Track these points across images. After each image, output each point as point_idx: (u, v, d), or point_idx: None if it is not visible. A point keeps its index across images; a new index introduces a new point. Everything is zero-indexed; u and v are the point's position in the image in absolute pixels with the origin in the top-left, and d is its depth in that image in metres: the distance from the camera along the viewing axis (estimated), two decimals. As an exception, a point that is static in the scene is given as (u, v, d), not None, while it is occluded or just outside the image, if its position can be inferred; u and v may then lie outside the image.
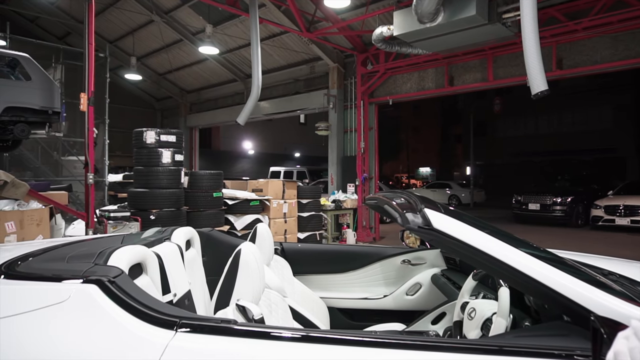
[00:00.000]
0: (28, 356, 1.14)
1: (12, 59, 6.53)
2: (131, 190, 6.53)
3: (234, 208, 7.30)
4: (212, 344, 1.19)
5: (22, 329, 1.19)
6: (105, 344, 1.18)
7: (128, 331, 1.21)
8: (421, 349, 1.16)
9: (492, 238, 1.34)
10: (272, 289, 1.97)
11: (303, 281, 2.72)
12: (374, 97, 10.64)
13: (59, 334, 1.19)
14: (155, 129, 6.45)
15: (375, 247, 3.07)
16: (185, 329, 1.22)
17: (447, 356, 1.13)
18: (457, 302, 1.89)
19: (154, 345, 1.17)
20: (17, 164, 9.58)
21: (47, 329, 1.19)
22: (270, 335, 1.23)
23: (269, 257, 2.33)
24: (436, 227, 1.37)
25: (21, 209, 5.00)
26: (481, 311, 1.65)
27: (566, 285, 1.21)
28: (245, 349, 1.18)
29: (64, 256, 1.66)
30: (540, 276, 1.23)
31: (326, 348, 1.18)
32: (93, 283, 1.31)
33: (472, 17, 6.22)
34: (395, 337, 1.21)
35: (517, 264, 1.25)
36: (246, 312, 1.42)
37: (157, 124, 18.39)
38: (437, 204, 1.65)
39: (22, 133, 6.30)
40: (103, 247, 1.70)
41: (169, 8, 12.00)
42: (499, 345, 1.16)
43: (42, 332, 1.19)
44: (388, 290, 2.85)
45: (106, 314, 1.24)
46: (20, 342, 1.16)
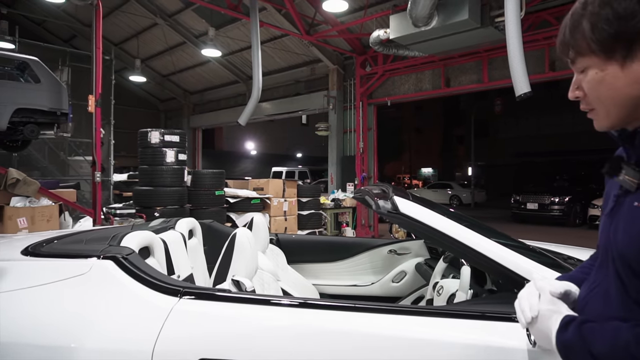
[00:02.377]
0: (59, 314, 1.38)
1: (22, 62, 6.80)
2: (136, 188, 6.77)
3: (236, 206, 7.53)
4: (210, 308, 1.42)
5: (53, 293, 1.42)
6: (120, 306, 1.41)
7: (139, 297, 1.44)
8: (391, 313, 1.39)
9: (449, 220, 1.56)
10: (266, 271, 2.19)
11: (296, 269, 2.94)
12: (373, 98, 10.87)
13: (82, 298, 1.42)
14: (159, 129, 6.69)
15: (364, 238, 3.29)
16: (188, 296, 1.44)
17: (409, 318, 1.36)
18: (430, 282, 2.12)
19: (161, 309, 1.40)
20: (25, 163, 9.84)
21: (72, 294, 1.43)
22: (259, 300, 1.46)
23: (264, 245, 2.55)
24: (402, 212, 1.60)
25: (32, 206, 5.25)
26: (447, 288, 1.88)
27: (510, 260, 1.44)
28: (238, 312, 1.41)
29: (82, 239, 1.90)
30: (489, 252, 1.45)
31: (309, 312, 1.41)
32: (109, 259, 1.54)
33: (465, 21, 6.45)
34: (369, 304, 1.43)
35: (469, 242, 1.48)
36: (240, 286, 1.65)
37: (161, 124, 18.69)
38: (408, 193, 1.88)
39: (32, 133, 6.56)
40: (114, 233, 1.94)
41: (172, 11, 12.28)
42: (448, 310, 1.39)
43: (68, 296, 1.42)
44: (375, 278, 3.07)
45: (120, 284, 1.47)
46: (52, 303, 1.40)
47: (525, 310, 0.91)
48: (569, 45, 0.85)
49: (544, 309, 0.88)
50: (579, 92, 0.87)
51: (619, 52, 0.78)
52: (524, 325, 0.93)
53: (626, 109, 0.81)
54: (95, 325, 1.35)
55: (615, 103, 0.81)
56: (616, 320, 0.78)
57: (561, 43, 0.88)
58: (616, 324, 0.77)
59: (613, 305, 0.82)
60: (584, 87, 0.85)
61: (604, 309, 0.83)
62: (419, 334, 1.30)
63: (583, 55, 0.83)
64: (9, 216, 5.06)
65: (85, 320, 1.36)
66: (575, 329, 0.81)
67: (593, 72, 0.82)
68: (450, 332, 1.29)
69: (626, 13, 0.76)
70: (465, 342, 1.27)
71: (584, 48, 0.82)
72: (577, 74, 0.87)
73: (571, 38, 0.84)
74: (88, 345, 1.31)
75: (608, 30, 0.78)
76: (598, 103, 0.84)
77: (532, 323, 0.89)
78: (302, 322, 1.37)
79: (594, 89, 0.83)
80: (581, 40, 0.82)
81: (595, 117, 0.86)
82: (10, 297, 1.42)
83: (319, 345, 1.32)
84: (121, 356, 1.32)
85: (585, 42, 0.82)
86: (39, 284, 1.46)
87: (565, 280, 1.01)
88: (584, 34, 0.81)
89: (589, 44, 0.81)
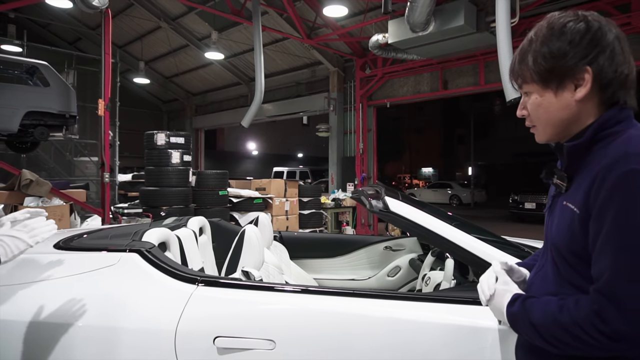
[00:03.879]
0: (94, 298, 1.60)
1: (32, 66, 7.02)
2: (143, 188, 6.99)
3: (239, 206, 7.74)
4: (224, 294, 1.64)
5: (88, 281, 1.64)
6: (146, 292, 1.63)
7: (162, 284, 1.66)
8: (377, 297, 1.61)
9: (433, 217, 1.78)
10: (271, 265, 2.41)
11: (299, 264, 3.16)
12: (373, 100, 11.08)
13: (114, 285, 1.64)
14: (165, 131, 6.91)
15: (362, 235, 3.51)
16: (204, 284, 1.66)
17: (392, 302, 1.58)
18: (420, 274, 2.33)
19: (182, 294, 1.62)
20: (33, 164, 10.06)
21: (105, 282, 1.65)
22: (266, 287, 1.68)
23: (268, 241, 2.77)
24: (392, 210, 1.81)
25: (45, 205, 5.46)
26: (434, 279, 2.10)
27: (482, 250, 1.65)
28: (247, 297, 1.63)
29: (107, 235, 2.12)
30: (464, 244, 1.66)
31: (308, 296, 1.63)
32: (134, 252, 1.76)
33: (461, 26, 6.66)
34: (358, 290, 1.65)
35: (448, 235, 1.69)
36: (249, 275, 1.87)
37: (164, 125, 18.93)
38: (399, 193, 2.09)
39: (42, 136, 6.78)
40: (135, 230, 2.15)
41: (176, 15, 12.50)
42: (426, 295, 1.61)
43: (101, 284, 1.64)
44: (372, 273, 3.28)
45: (145, 273, 1.69)
46: (88, 289, 1.62)
47: (484, 289, 1.12)
48: (517, 74, 1.06)
49: (499, 289, 1.09)
50: (525, 111, 1.07)
51: (553, 83, 0.99)
52: (484, 302, 1.13)
53: (558, 128, 1.02)
54: (126, 308, 1.57)
55: (550, 123, 1.02)
56: (551, 295, 0.99)
57: (511, 71, 1.09)
58: (548, 298, 0.97)
59: (550, 284, 1.03)
60: (528, 108, 1.06)
61: (544, 287, 1.05)
62: (400, 315, 1.52)
63: (527, 83, 1.04)
64: (23, 215, 5.28)
65: (118, 304, 1.58)
66: (520, 303, 1.02)
67: (534, 97, 1.03)
68: (428, 314, 1.51)
69: (559, 53, 0.97)
70: (441, 322, 1.49)
71: (528, 77, 1.03)
72: (524, 97, 1.08)
73: (519, 68, 1.05)
74: (122, 325, 1.53)
75: (545, 65, 0.99)
76: (537, 122, 1.05)
77: (490, 300, 1.10)
78: (303, 305, 1.59)
79: (534, 110, 1.04)
80: (525, 71, 1.03)
81: (535, 132, 1.07)
82: (51, 284, 1.65)
83: (317, 323, 1.54)
84: (150, 334, 1.54)
85: (528, 73, 1.02)
86: (75, 273, 1.68)
87: (521, 266, 1.23)
88: (527, 66, 1.02)
89: (531, 74, 1.02)
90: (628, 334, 0.83)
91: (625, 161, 0.86)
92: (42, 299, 1.59)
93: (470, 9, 6.67)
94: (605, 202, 0.86)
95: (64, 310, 1.56)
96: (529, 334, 0.99)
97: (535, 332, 0.96)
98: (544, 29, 1.00)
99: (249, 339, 1.52)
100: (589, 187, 0.90)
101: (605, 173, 0.87)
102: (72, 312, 1.55)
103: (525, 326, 0.99)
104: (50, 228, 1.42)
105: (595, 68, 0.94)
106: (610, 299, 0.84)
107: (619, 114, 0.96)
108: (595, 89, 0.95)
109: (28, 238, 1.33)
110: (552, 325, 0.92)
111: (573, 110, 0.98)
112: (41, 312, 1.56)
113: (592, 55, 0.94)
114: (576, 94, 0.97)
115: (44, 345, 1.53)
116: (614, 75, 0.94)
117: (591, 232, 0.89)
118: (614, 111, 0.96)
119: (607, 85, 0.95)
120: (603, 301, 0.85)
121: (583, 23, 0.96)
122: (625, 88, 0.96)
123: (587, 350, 0.89)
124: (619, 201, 0.84)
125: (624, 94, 0.96)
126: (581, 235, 0.92)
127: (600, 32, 0.95)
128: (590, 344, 0.87)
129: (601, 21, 0.97)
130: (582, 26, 0.95)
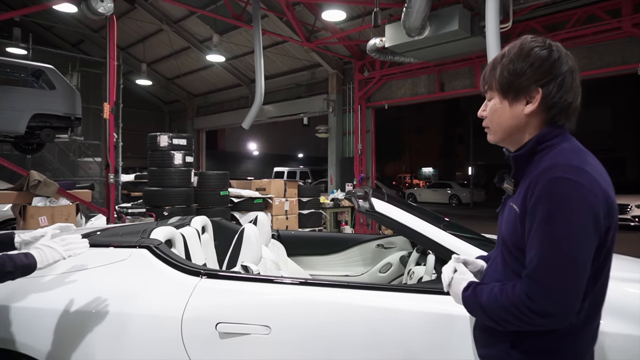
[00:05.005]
0: (109, 288, 1.79)
1: (38, 70, 7.22)
2: (146, 189, 7.17)
3: (239, 205, 7.92)
4: (225, 285, 1.83)
5: (103, 274, 1.84)
6: (156, 284, 1.82)
7: (169, 276, 1.85)
8: (368, 289, 1.80)
9: (414, 217, 1.96)
10: (269, 261, 2.60)
11: (295, 261, 3.35)
12: (371, 102, 11.27)
13: (127, 277, 1.84)
14: (168, 133, 7.10)
15: (355, 234, 3.69)
16: (207, 276, 1.85)
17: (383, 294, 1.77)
18: (406, 270, 2.52)
19: (187, 285, 1.81)
20: (38, 165, 10.27)
21: (118, 274, 1.84)
22: (263, 280, 1.87)
23: (267, 239, 2.96)
24: (377, 210, 2.00)
25: (52, 205, 5.65)
26: (417, 273, 2.29)
27: (453, 244, 1.84)
28: (246, 288, 1.82)
29: (118, 233, 2.31)
30: (439, 239, 1.86)
31: (302, 287, 1.82)
32: (144, 248, 1.95)
33: (456, 31, 6.84)
34: (346, 282, 1.84)
35: (425, 232, 1.89)
36: (248, 269, 2.06)
37: (166, 126, 19.13)
38: (385, 194, 2.28)
39: (48, 137, 6.97)
40: (143, 228, 2.35)
41: (178, 18, 12.70)
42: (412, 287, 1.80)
43: (115, 276, 1.83)
44: (365, 269, 3.47)
45: (154, 266, 1.88)
46: (103, 281, 1.82)
47: (445, 278, 1.31)
48: (486, 80, 1.24)
49: (457, 277, 1.27)
50: (485, 113, 1.26)
51: (510, 94, 1.17)
52: (445, 288, 1.31)
53: (506, 133, 1.21)
54: (139, 297, 1.76)
55: (500, 127, 1.21)
56: (498, 282, 1.18)
57: (483, 77, 1.27)
58: (494, 284, 1.16)
59: (499, 273, 1.22)
60: (487, 110, 1.25)
61: (494, 276, 1.23)
62: (384, 304, 1.71)
63: (491, 90, 1.22)
64: (31, 215, 5.47)
65: (130, 293, 1.78)
66: (472, 289, 1.20)
67: (493, 102, 1.22)
68: (410, 303, 1.70)
69: (520, 72, 1.15)
70: (420, 310, 1.68)
71: (493, 85, 1.21)
72: (487, 100, 1.26)
73: (489, 76, 1.23)
74: (135, 312, 1.72)
75: (507, 78, 1.17)
76: (491, 124, 1.24)
77: (450, 286, 1.29)
78: (296, 295, 1.78)
79: (491, 113, 1.23)
80: (492, 79, 1.21)
81: (488, 132, 1.26)
82: (69, 277, 1.84)
83: (308, 311, 1.73)
84: (159, 321, 1.73)
85: (494, 82, 1.21)
86: (91, 266, 1.88)
87: (481, 258, 1.42)
88: (495, 76, 1.20)
89: (496, 83, 1.20)
90: (552, 310, 1.02)
91: (553, 170, 1.05)
92: (64, 290, 1.79)
93: (464, 14, 6.86)
94: (535, 203, 1.05)
95: (84, 298, 1.76)
96: (478, 314, 1.17)
97: (483, 313, 1.14)
98: (515, 48, 1.18)
99: (247, 324, 1.71)
100: (526, 190, 1.09)
101: (537, 179, 1.06)
102: (91, 301, 1.75)
103: (475, 308, 1.17)
104: (83, 245, 1.61)
105: (545, 91, 1.12)
106: (537, 282, 1.03)
107: (554, 130, 1.15)
108: (542, 108, 1.14)
109: (63, 251, 1.53)
110: (495, 306, 1.10)
111: (521, 121, 1.17)
112: (64, 301, 1.76)
113: (545, 80, 1.12)
114: (526, 109, 1.15)
115: (67, 329, 1.72)
116: (559, 101, 1.12)
117: (526, 228, 1.08)
118: (550, 127, 1.15)
119: (551, 107, 1.13)
120: (531, 284, 1.04)
121: (546, 51, 1.14)
122: (567, 114, 1.15)
123: (522, 326, 1.07)
124: (545, 202, 1.03)
125: (565, 119, 1.15)
126: (521, 231, 1.11)
127: (558, 62, 1.13)
128: (524, 321, 1.05)
129: (561, 53, 1.15)
130: (545, 53, 1.13)
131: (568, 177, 1.02)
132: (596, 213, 1.02)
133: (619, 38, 7.43)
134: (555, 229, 1.01)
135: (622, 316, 1.55)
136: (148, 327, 1.72)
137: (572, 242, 1.00)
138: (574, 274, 1.01)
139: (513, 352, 1.14)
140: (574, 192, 1.01)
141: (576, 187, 1.01)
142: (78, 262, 1.88)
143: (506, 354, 1.15)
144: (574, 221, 1.00)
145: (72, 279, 1.82)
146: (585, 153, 1.12)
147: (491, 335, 1.20)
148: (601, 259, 1.08)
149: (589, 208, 1.01)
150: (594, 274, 1.07)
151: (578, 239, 1.01)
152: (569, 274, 1.01)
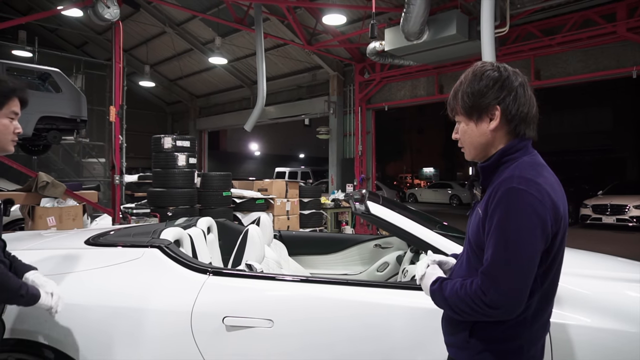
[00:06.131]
0: (124, 285, 1.94)
1: (44, 73, 7.38)
2: (150, 189, 7.31)
3: (242, 206, 8.06)
4: (231, 282, 1.97)
5: (118, 271, 1.99)
6: (167, 280, 1.97)
7: (179, 274, 1.99)
8: (364, 286, 1.95)
9: (405, 218, 2.11)
10: (271, 260, 2.75)
11: (296, 260, 3.49)
12: (371, 104, 11.42)
13: (140, 275, 1.98)
14: (171, 135, 7.24)
15: (354, 234, 3.84)
16: (214, 274, 2.00)
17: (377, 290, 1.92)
18: (400, 268, 2.67)
19: (196, 282, 1.95)
20: (43, 166, 10.42)
21: (132, 272, 1.99)
22: (266, 277, 2.02)
23: (269, 239, 3.10)
24: (372, 212, 2.15)
25: (60, 206, 5.80)
26: (411, 271, 2.43)
27: (439, 242, 1.99)
28: (251, 285, 1.97)
29: (129, 233, 2.46)
30: (427, 238, 2.00)
31: (303, 284, 1.97)
32: (155, 247, 2.10)
33: (453, 35, 6.98)
34: (342, 279, 1.99)
35: (415, 232, 2.04)
36: (252, 268, 2.20)
37: (168, 127, 19.30)
38: (380, 197, 2.42)
39: (54, 139, 7.13)
40: (153, 229, 2.49)
41: (180, 20, 12.86)
42: (404, 284, 1.94)
43: (129, 274, 1.98)
44: (363, 268, 3.61)
45: (165, 265, 2.03)
46: (118, 278, 1.96)
47: (418, 272, 1.45)
48: (451, 106, 1.39)
49: (428, 273, 1.40)
50: (457, 135, 1.41)
51: (474, 115, 1.32)
52: (417, 282, 1.44)
53: (478, 149, 1.35)
54: (151, 293, 1.91)
55: (473, 146, 1.36)
56: (462, 278, 1.32)
57: (448, 103, 1.41)
58: (457, 280, 1.30)
59: (464, 270, 1.36)
60: (459, 133, 1.39)
61: (460, 272, 1.38)
62: (378, 299, 1.87)
63: (457, 114, 1.37)
64: (40, 215, 5.62)
65: (144, 289, 1.92)
66: (439, 284, 1.33)
67: (462, 125, 1.37)
68: (400, 298, 1.85)
69: (478, 93, 1.30)
70: (409, 305, 1.83)
71: (457, 110, 1.36)
72: (457, 124, 1.40)
73: (452, 102, 1.38)
74: (148, 307, 1.87)
75: (468, 102, 1.32)
76: (464, 144, 1.39)
77: (421, 280, 1.42)
78: (297, 291, 1.93)
79: (462, 135, 1.38)
80: (456, 105, 1.36)
81: (464, 151, 1.41)
82: (86, 274, 1.99)
83: (309, 306, 1.88)
84: (170, 315, 1.88)
85: (458, 107, 1.36)
86: (107, 265, 2.02)
87: (454, 257, 1.56)
88: (457, 101, 1.35)
89: (459, 108, 1.35)
90: (501, 303, 1.16)
91: (510, 180, 1.20)
92: (84, 285, 1.94)
93: (462, 19, 6.99)
94: (494, 209, 1.20)
95: (101, 294, 1.91)
96: (443, 306, 1.32)
97: (446, 305, 1.29)
98: (470, 74, 1.33)
99: (252, 318, 1.86)
100: (488, 197, 1.25)
101: (497, 188, 1.21)
102: (108, 296, 1.90)
103: (440, 300, 1.31)
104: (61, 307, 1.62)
105: (503, 106, 1.27)
106: (489, 278, 1.18)
107: (518, 143, 1.30)
108: (503, 121, 1.28)
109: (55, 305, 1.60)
110: (456, 299, 1.24)
111: (488, 137, 1.31)
112: (84, 296, 1.91)
113: (502, 97, 1.27)
114: (490, 125, 1.30)
115: (87, 322, 1.87)
116: (516, 112, 1.27)
117: (485, 230, 1.23)
118: (515, 141, 1.30)
119: (511, 119, 1.28)
120: (485, 280, 1.18)
121: (497, 72, 1.29)
122: (525, 123, 1.29)
123: (477, 317, 1.22)
124: (500, 209, 1.18)
125: (524, 127, 1.30)
126: (482, 233, 1.26)
127: (508, 80, 1.28)
128: (478, 312, 1.20)
129: (509, 71, 1.30)
130: (495, 74, 1.28)
131: (521, 187, 1.17)
132: (544, 220, 1.16)
133: (614, 42, 7.56)
134: (507, 232, 1.16)
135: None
136: (161, 320, 1.87)
137: (521, 244, 1.15)
138: (521, 273, 1.15)
139: (472, 339, 1.29)
140: (525, 201, 1.16)
141: (527, 197, 1.16)
142: (95, 261, 2.03)
143: (466, 342, 1.30)
144: (524, 226, 1.15)
145: (89, 276, 1.97)
146: (541, 167, 1.27)
147: (453, 325, 1.36)
148: (549, 260, 1.23)
149: (537, 216, 1.15)
150: (543, 273, 1.23)
151: (526, 242, 1.15)
152: (517, 272, 1.15)
